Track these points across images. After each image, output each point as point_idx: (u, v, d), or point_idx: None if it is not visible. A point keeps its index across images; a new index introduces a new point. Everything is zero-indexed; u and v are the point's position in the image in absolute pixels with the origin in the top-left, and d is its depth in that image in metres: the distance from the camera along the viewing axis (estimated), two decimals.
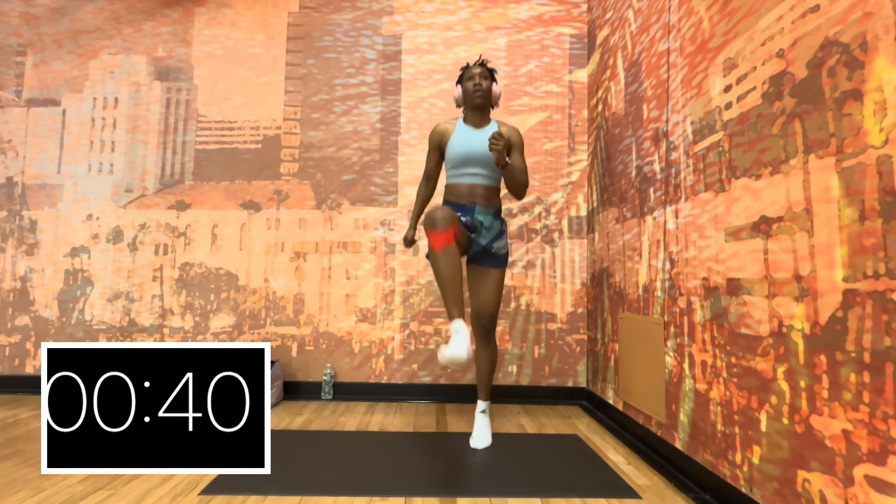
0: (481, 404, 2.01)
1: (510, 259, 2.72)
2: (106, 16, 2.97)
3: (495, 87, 1.98)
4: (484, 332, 1.95)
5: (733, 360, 1.37)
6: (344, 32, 2.89)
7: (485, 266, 1.95)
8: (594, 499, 1.47)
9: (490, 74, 1.97)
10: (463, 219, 1.86)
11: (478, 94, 1.91)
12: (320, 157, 2.84)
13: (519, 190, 1.93)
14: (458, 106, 2.03)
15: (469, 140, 1.89)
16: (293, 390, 2.69)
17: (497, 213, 1.96)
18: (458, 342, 1.50)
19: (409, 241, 2.07)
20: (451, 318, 1.60)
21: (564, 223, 2.77)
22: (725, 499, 1.38)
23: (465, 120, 1.99)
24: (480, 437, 1.92)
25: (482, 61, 1.99)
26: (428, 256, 1.71)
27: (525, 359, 2.71)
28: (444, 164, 2.05)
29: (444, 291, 1.63)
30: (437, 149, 2.01)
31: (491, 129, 1.95)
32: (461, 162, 1.89)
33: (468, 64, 2.01)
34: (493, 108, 2.02)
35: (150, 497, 1.44)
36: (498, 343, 2.69)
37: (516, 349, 2.71)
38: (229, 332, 2.76)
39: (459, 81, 1.99)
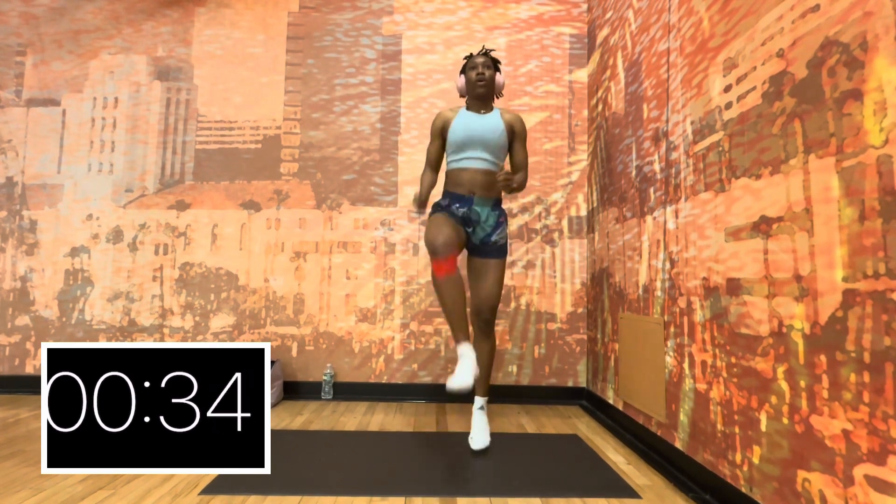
0: (479, 401, 1.97)
1: (510, 258, 2.73)
2: (106, 16, 2.96)
3: (499, 77, 1.97)
4: (485, 324, 1.93)
5: (733, 359, 1.37)
6: (344, 32, 2.89)
7: (484, 258, 1.94)
8: (594, 499, 1.47)
9: (493, 64, 1.97)
10: (461, 210, 1.87)
11: (480, 83, 1.91)
12: (320, 156, 2.84)
13: (519, 187, 1.97)
14: (462, 96, 2.03)
15: (471, 124, 1.89)
16: (293, 390, 2.69)
17: (496, 203, 1.96)
18: (465, 369, 1.60)
19: (421, 202, 1.92)
20: (457, 341, 1.69)
21: (564, 223, 2.77)
22: (725, 499, 1.38)
23: (468, 108, 1.99)
24: (480, 436, 1.89)
25: (486, 51, 1.99)
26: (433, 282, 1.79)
27: (525, 359, 2.71)
28: (445, 152, 2.03)
29: (448, 317, 1.71)
30: (440, 135, 1.99)
31: (494, 116, 1.95)
32: (462, 145, 1.89)
33: (472, 53, 2.00)
34: (497, 97, 2.02)
35: (150, 497, 1.44)
36: (498, 343, 2.69)
37: (516, 349, 2.71)
38: (229, 332, 2.76)
39: (463, 71, 1.99)
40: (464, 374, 1.60)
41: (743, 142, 1.35)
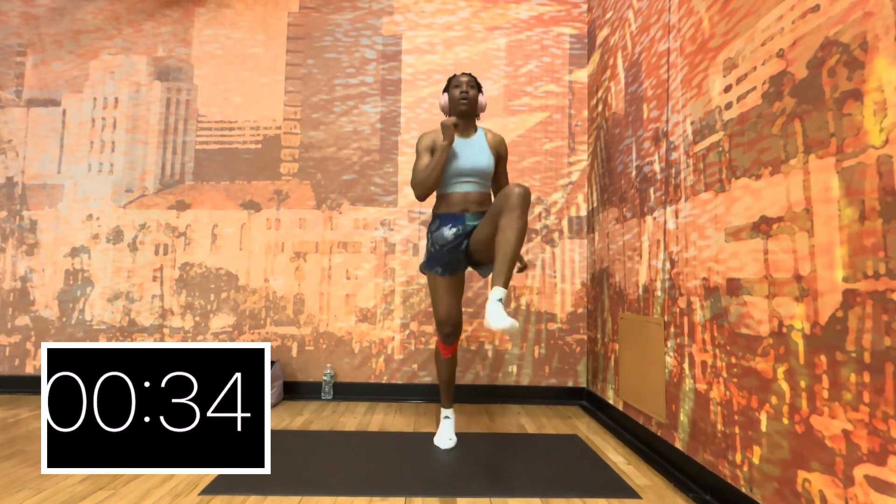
0: (498, 291, 1.48)
1: None
2: (106, 16, 2.96)
3: (481, 98, 2.00)
4: (519, 199, 1.55)
5: (733, 360, 1.37)
6: (344, 32, 2.89)
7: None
8: (594, 499, 1.47)
9: (476, 84, 2.00)
10: (452, 230, 1.87)
11: (463, 101, 1.93)
12: (320, 157, 2.84)
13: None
14: (445, 114, 2.05)
15: (460, 154, 1.91)
16: (293, 390, 2.69)
17: None
18: (445, 431, 1.94)
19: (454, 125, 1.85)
20: (443, 405, 2.02)
21: (564, 223, 2.77)
22: (725, 499, 1.38)
23: None
24: (498, 318, 1.41)
25: (469, 73, 2.03)
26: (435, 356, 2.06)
27: (525, 359, 2.71)
28: None
29: (441, 385, 2.03)
30: (430, 151, 1.96)
31: (479, 137, 1.97)
32: (454, 174, 1.92)
33: (455, 74, 2.03)
34: (477, 117, 2.04)
35: (150, 497, 1.44)
36: (498, 343, 2.70)
37: (516, 349, 2.71)
38: (229, 332, 2.76)
39: (446, 90, 2.01)
40: (445, 435, 1.93)
41: (743, 142, 1.35)
